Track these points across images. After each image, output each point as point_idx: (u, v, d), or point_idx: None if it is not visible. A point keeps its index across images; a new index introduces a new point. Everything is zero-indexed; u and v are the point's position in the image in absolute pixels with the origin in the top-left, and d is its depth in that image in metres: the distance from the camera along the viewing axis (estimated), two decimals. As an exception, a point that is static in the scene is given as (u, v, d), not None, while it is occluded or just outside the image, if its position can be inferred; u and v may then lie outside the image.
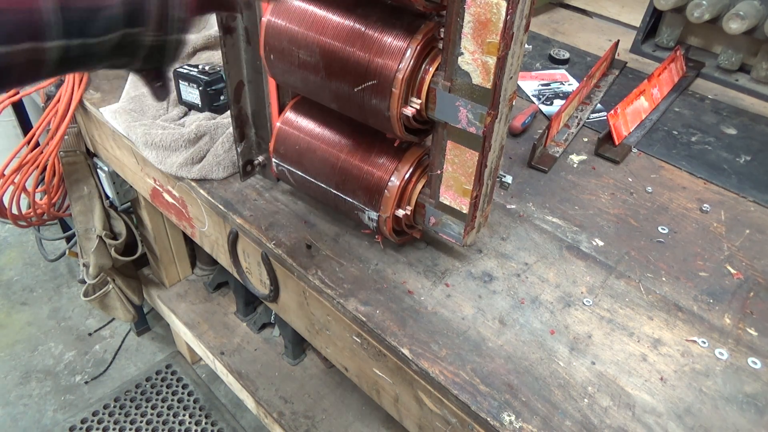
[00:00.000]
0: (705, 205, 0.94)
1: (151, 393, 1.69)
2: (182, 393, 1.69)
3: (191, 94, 1.11)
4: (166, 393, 1.69)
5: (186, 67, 1.11)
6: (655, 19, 1.40)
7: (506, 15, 0.58)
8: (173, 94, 1.16)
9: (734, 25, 1.19)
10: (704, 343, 0.72)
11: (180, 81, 1.10)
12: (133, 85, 1.18)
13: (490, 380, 0.66)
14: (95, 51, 0.46)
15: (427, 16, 0.67)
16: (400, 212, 0.76)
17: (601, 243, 0.86)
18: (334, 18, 0.70)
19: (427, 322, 0.72)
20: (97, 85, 1.21)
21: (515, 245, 0.84)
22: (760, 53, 1.28)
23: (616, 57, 1.34)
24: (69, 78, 1.17)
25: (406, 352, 0.69)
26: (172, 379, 1.73)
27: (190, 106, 1.13)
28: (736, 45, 1.30)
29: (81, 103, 1.18)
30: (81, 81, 1.17)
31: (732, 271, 0.83)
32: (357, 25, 0.69)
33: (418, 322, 0.72)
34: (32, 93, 1.21)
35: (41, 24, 0.42)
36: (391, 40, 0.67)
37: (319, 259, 0.80)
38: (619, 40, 1.33)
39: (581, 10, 1.61)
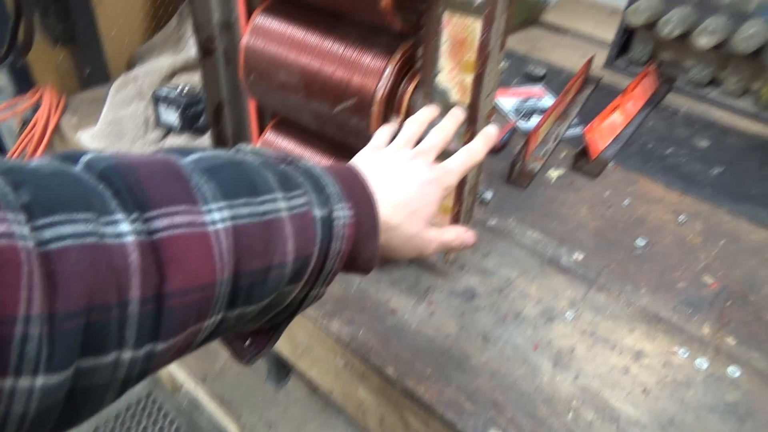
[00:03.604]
0: (681, 216, 0.96)
1: (131, 423, 1.65)
2: (163, 422, 1.66)
3: (170, 116, 1.10)
4: (147, 423, 1.65)
5: (165, 89, 1.11)
6: (627, 36, 1.43)
7: (482, 34, 0.59)
8: (152, 116, 1.15)
9: (703, 41, 1.23)
10: (685, 353, 0.73)
11: (159, 103, 1.10)
12: (111, 109, 1.17)
13: (475, 397, 0.66)
14: (244, 319, 0.37)
15: (405, 35, 0.68)
16: (382, 230, 0.76)
17: (581, 256, 0.87)
18: (313, 39, 0.71)
19: (411, 341, 0.72)
20: (74, 109, 1.20)
21: (497, 261, 0.85)
22: (729, 67, 1.32)
23: (591, 73, 1.37)
24: (45, 102, 1.16)
25: (390, 371, 0.69)
26: (152, 408, 1.69)
27: (169, 128, 1.13)
28: (706, 59, 1.34)
29: (58, 127, 1.16)
30: (58, 105, 1.16)
31: (709, 281, 0.84)
32: (336, 46, 0.70)
33: (402, 341, 0.72)
34: (8, 119, 1.20)
35: (212, 300, 0.32)
36: (370, 60, 0.68)
37: (302, 280, 0.80)
38: (593, 56, 1.36)
39: (556, 27, 1.64)
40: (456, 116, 0.58)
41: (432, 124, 0.58)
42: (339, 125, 0.73)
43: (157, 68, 1.27)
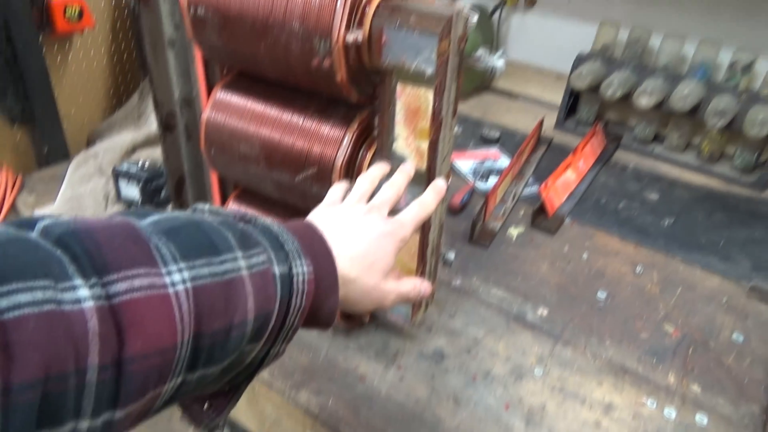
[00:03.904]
0: (638, 267, 0.99)
1: None
2: None
3: (131, 191, 1.10)
4: None
5: (125, 165, 1.11)
6: (574, 98, 1.51)
7: (434, 103, 0.61)
8: (112, 192, 1.15)
9: (644, 101, 1.30)
10: (653, 403, 0.73)
11: (119, 179, 1.10)
12: (70, 185, 1.16)
13: (449, 462, 0.65)
14: (204, 381, 0.36)
15: (362, 106, 0.70)
16: (348, 296, 0.76)
17: (545, 312, 0.88)
18: (273, 112, 0.73)
19: (381, 408, 0.71)
20: (31, 187, 1.18)
21: (463, 321, 0.85)
22: (670, 124, 1.40)
23: (543, 134, 1.43)
24: (1, 181, 1.14)
25: (362, 440, 0.67)
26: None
27: (130, 203, 1.12)
28: (648, 118, 1.42)
29: (14, 207, 1.14)
30: (14, 184, 1.15)
31: (670, 329, 0.86)
32: (295, 118, 0.72)
33: (372, 409, 0.71)
34: (-39, 198, 1.17)
35: (172, 363, 0.32)
36: (328, 130, 0.70)
37: (268, 350, 0.79)
38: (543, 118, 1.42)
39: (507, 92, 1.72)
40: (406, 171, 0.60)
41: (383, 181, 0.59)
42: (301, 193, 0.74)
43: (118, 144, 1.27)
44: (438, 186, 0.59)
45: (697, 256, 1.03)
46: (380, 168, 0.61)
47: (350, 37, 0.59)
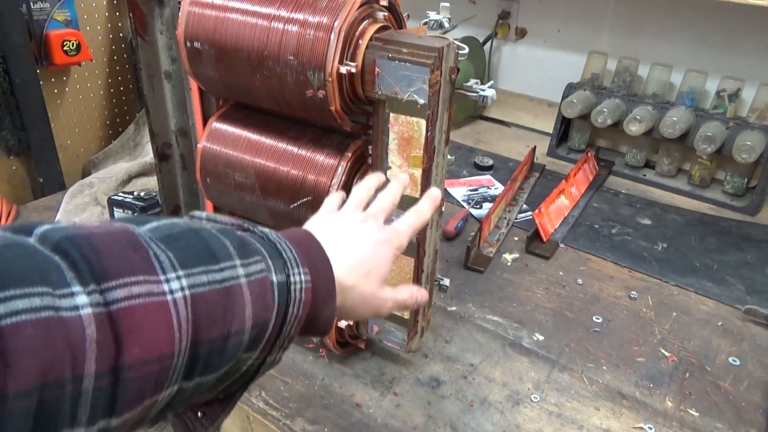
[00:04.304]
0: (633, 292, 0.99)
1: None
2: None
3: (126, 220, 1.10)
4: None
5: (120, 194, 1.11)
6: (565, 126, 1.53)
7: (426, 131, 0.63)
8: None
9: (633, 128, 1.33)
10: (651, 429, 0.73)
11: (114, 208, 1.10)
12: (64, 215, 1.17)
13: (447, 492, 0.64)
14: (201, 389, 0.36)
15: (356, 135, 0.71)
16: (343, 323, 0.76)
17: (541, 337, 0.88)
18: (268, 141, 0.74)
19: (378, 436, 0.70)
20: (26, 217, 1.19)
21: (459, 347, 0.85)
22: (660, 150, 1.42)
23: (535, 161, 1.45)
24: (-3, 212, 1.14)
25: (358, 470, 0.66)
26: None
27: (125, 233, 1.12)
28: (638, 144, 1.44)
29: (9, 236, 1.14)
30: (9, 215, 1.15)
31: (666, 354, 0.86)
32: (290, 147, 0.73)
33: (368, 437, 0.70)
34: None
35: (169, 371, 0.32)
36: (323, 159, 0.71)
37: (263, 379, 0.78)
38: (535, 146, 1.44)
39: (499, 120, 1.75)
40: (402, 180, 0.60)
41: (378, 191, 0.59)
42: (295, 221, 0.74)
43: (114, 174, 1.28)
44: (433, 194, 0.58)
45: (691, 280, 1.04)
46: (376, 178, 0.61)
47: (344, 70, 0.60)
